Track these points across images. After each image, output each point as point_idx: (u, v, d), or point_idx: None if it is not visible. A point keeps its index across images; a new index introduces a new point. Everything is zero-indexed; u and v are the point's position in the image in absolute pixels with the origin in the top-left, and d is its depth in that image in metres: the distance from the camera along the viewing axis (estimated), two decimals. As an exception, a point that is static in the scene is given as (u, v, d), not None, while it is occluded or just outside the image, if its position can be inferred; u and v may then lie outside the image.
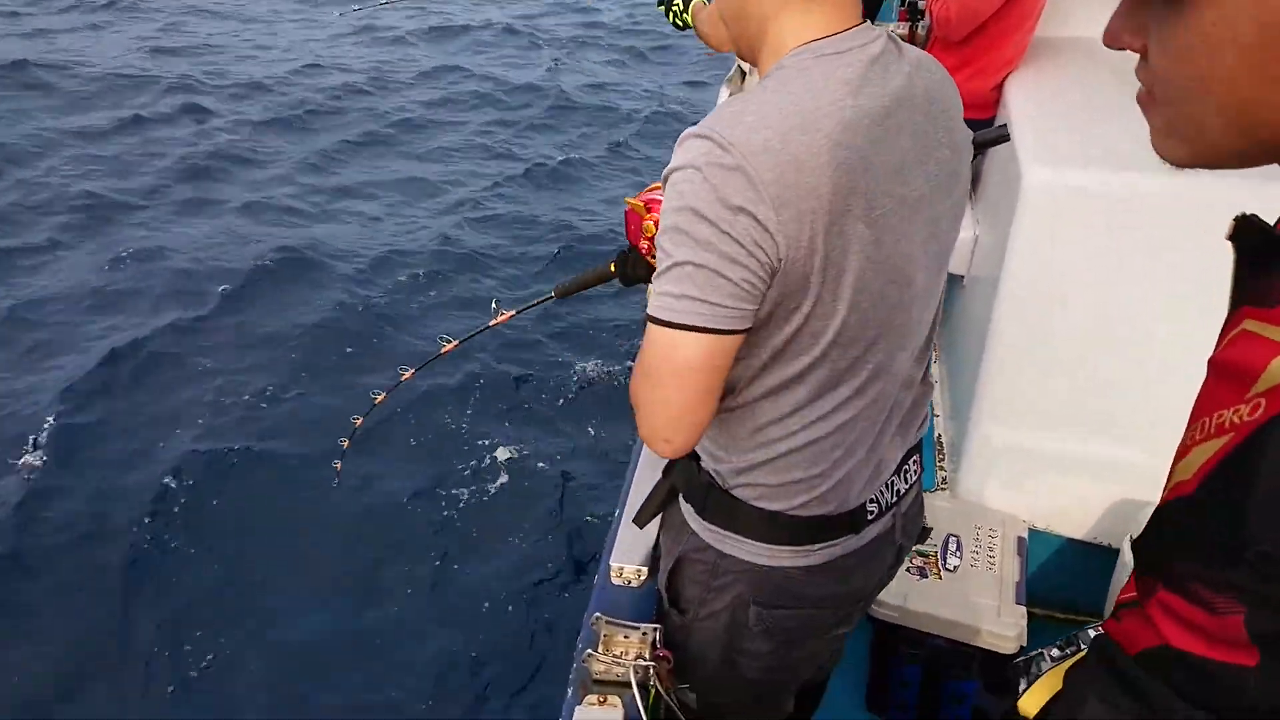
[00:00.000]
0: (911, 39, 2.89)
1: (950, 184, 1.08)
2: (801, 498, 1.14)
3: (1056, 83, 2.57)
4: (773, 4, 1.00)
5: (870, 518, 1.20)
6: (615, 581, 1.47)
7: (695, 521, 1.24)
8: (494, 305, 1.73)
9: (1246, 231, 0.62)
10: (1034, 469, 2.24)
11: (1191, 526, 0.61)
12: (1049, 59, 2.68)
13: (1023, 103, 2.45)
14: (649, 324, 0.98)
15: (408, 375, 1.95)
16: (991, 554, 2.12)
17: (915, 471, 1.29)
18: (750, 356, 1.04)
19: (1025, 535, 2.17)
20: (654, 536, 1.53)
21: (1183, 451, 0.62)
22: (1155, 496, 2.11)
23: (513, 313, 1.71)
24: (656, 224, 1.16)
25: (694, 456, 1.22)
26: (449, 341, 1.84)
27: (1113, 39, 0.59)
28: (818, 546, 1.18)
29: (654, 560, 1.50)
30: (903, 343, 1.10)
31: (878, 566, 1.29)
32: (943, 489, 2.41)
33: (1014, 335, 2.13)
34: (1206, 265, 1.90)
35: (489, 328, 1.77)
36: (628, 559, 1.49)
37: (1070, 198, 1.96)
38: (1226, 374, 0.59)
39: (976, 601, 1.97)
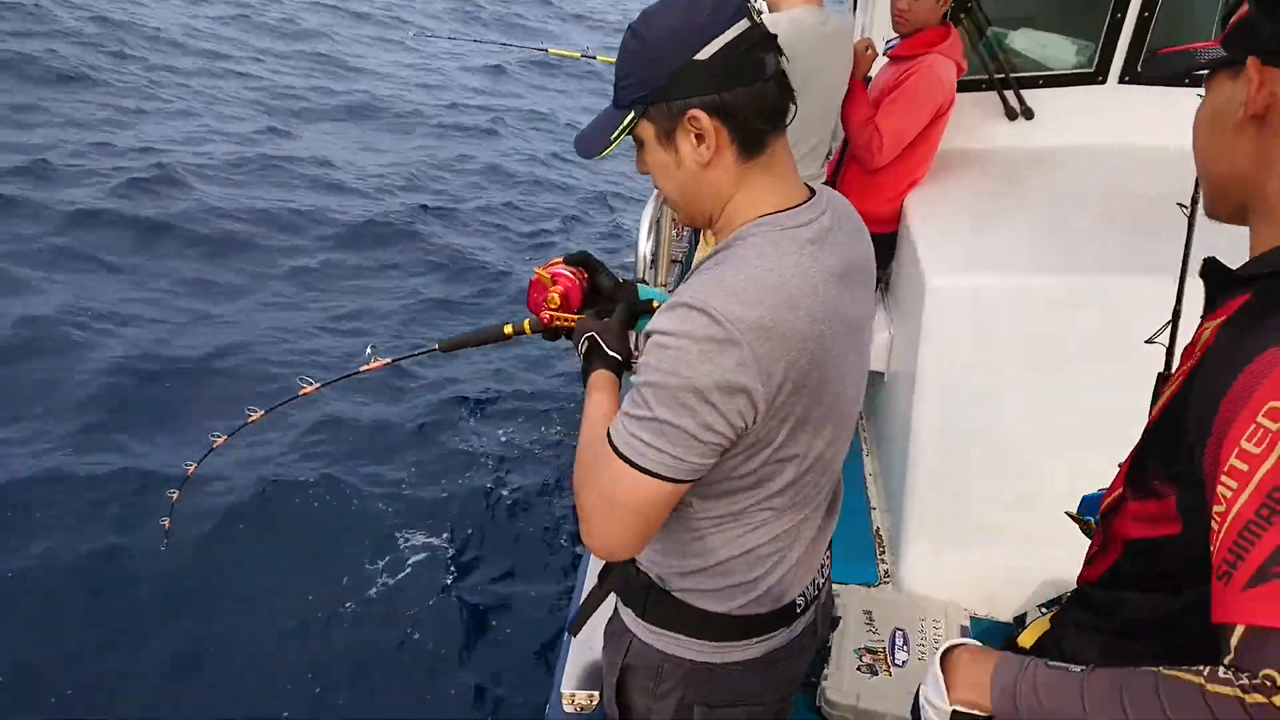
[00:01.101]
0: None
1: (867, 329, 1.22)
2: (740, 599, 1.20)
3: (952, 194, 2.75)
4: (729, 185, 1.09)
5: (799, 611, 1.27)
6: (567, 709, 1.46)
7: (636, 625, 1.28)
8: (369, 351, 1.59)
9: (1211, 269, 0.90)
10: (969, 558, 2.31)
11: (1154, 440, 0.92)
12: (943, 171, 2.89)
13: (921, 216, 2.62)
14: (614, 457, 1.04)
15: (256, 417, 1.71)
16: (938, 645, 2.15)
17: (828, 563, 1.36)
18: (707, 485, 1.11)
19: (968, 623, 2.22)
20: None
21: (1159, 398, 0.93)
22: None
23: (388, 360, 1.58)
24: (561, 295, 1.32)
25: (631, 560, 1.26)
26: (309, 384, 1.62)
27: None
28: (755, 641, 1.24)
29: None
30: (834, 464, 1.21)
31: (804, 657, 1.35)
32: (886, 582, 2.46)
33: (935, 426, 2.24)
34: (1100, 349, 2.07)
35: (358, 373, 1.60)
36: (579, 684, 1.48)
37: (966, 299, 2.11)
38: (1187, 352, 0.90)
39: (927, 695, 1.99)
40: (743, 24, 1.02)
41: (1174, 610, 0.88)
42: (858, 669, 2.07)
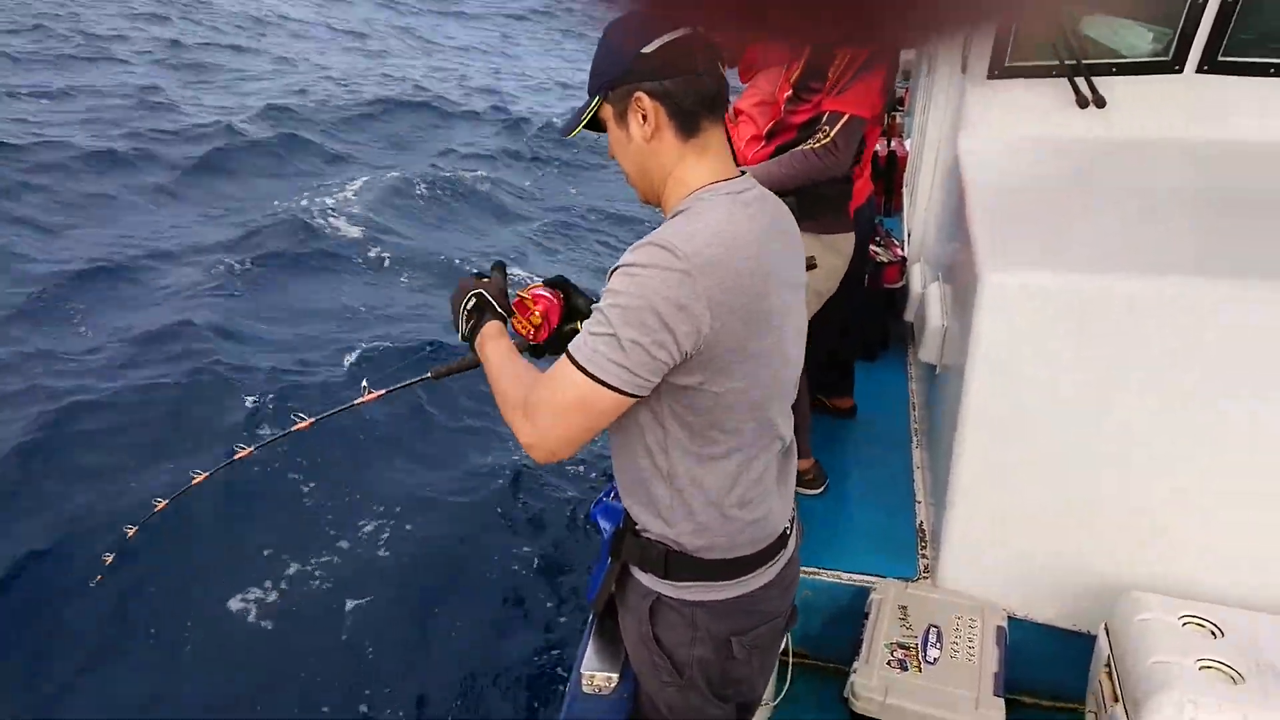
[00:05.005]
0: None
1: (802, 279, 1.44)
2: (747, 534, 1.40)
3: (1016, 183, 2.65)
4: (671, 160, 1.32)
5: (788, 534, 1.50)
6: (586, 690, 1.52)
7: (659, 585, 1.42)
8: (364, 385, 1.62)
9: None
10: (1011, 556, 2.28)
11: None
12: (1007, 158, 2.79)
13: (982, 205, 2.53)
14: (568, 365, 1.22)
15: (244, 453, 1.73)
16: (971, 644, 2.15)
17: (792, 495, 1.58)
18: (680, 435, 1.31)
19: (1004, 624, 2.21)
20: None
21: None
22: (1131, 582, 2.16)
23: (382, 392, 1.62)
24: (542, 314, 1.48)
25: (637, 533, 1.43)
26: (304, 419, 1.66)
27: None
28: (766, 566, 1.45)
29: (625, 664, 1.56)
30: (775, 404, 1.39)
31: (796, 571, 1.59)
32: (925, 577, 2.45)
33: (982, 423, 2.19)
34: (1159, 356, 2.00)
35: (354, 406, 1.63)
36: (599, 665, 1.54)
37: (1023, 297, 2.06)
38: None
39: (955, 694, 2.00)
40: (684, 30, 1.26)
41: None
42: (888, 663, 2.08)
